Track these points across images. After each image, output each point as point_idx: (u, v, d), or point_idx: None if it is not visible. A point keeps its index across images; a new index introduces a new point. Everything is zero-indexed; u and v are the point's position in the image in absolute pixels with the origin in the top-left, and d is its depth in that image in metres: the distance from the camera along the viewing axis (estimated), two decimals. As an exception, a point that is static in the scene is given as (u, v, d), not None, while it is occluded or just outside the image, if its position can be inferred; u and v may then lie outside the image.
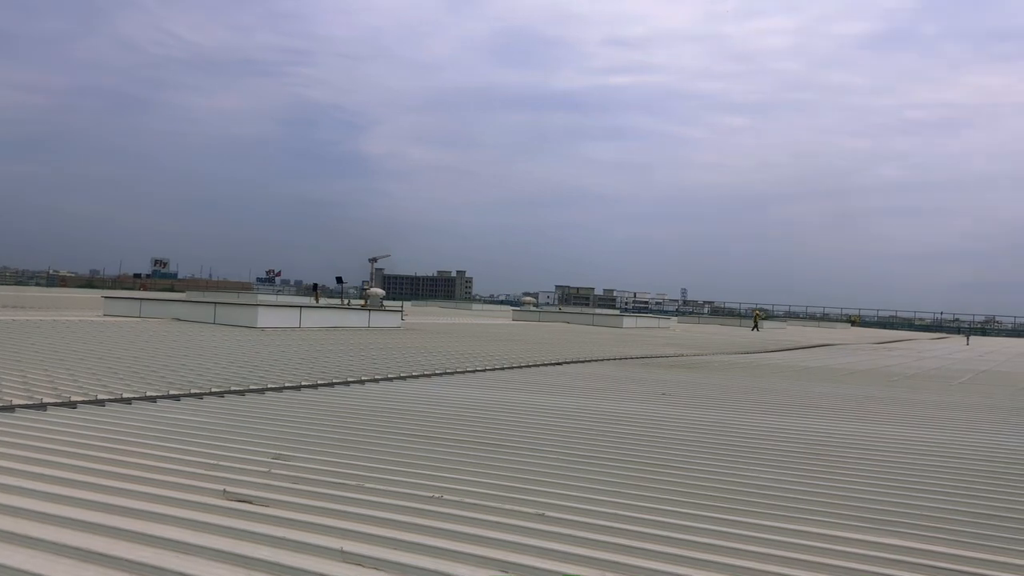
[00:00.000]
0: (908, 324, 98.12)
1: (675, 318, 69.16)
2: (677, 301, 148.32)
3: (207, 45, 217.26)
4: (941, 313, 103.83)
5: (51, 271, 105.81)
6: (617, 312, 70.60)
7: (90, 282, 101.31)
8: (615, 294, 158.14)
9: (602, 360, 19.07)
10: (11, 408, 8.17)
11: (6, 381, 9.87)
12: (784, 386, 15.22)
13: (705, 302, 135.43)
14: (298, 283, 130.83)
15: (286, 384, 11.14)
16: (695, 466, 6.97)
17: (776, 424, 9.92)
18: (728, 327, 58.91)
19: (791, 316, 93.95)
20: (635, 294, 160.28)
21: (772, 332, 52.20)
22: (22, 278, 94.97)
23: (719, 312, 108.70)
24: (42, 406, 8.38)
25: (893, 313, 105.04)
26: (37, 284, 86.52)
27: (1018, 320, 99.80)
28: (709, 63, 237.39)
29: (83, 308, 28.95)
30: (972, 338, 60.08)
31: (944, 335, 73.38)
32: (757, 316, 59.03)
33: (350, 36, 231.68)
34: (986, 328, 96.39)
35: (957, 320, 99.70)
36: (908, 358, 29.25)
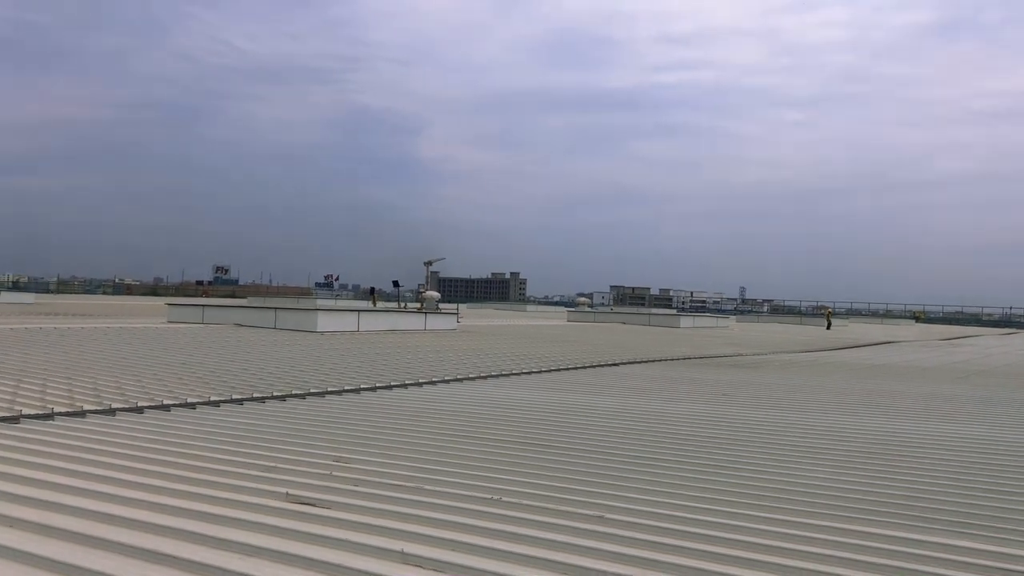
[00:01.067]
0: (975, 319, 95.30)
1: (733, 317, 68.28)
2: (735, 300, 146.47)
3: (262, 54, 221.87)
4: (1011, 308, 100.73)
5: (117, 280, 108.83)
6: (674, 312, 69.90)
7: (154, 290, 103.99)
8: (671, 294, 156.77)
9: (659, 361, 18.92)
10: (82, 414, 8.41)
11: (77, 388, 10.17)
12: (846, 385, 14.92)
13: (764, 300, 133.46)
14: (356, 287, 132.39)
15: (346, 387, 11.28)
16: (754, 466, 6.87)
17: (837, 423, 9.72)
18: (788, 325, 57.97)
19: (853, 313, 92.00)
20: (692, 293, 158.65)
21: (835, 330, 51.18)
22: (90, 287, 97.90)
23: (779, 310, 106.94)
24: (111, 411, 8.61)
25: (959, 308, 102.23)
26: (104, 292, 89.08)
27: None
28: (761, 57, 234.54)
29: (148, 315, 29.69)
30: (1044, 333, 58.11)
31: (1014, 330, 71.16)
32: (829, 314, 58.09)
33: (400, 41, 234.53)
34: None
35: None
36: (976, 354, 28.44)
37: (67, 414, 8.30)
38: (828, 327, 52.16)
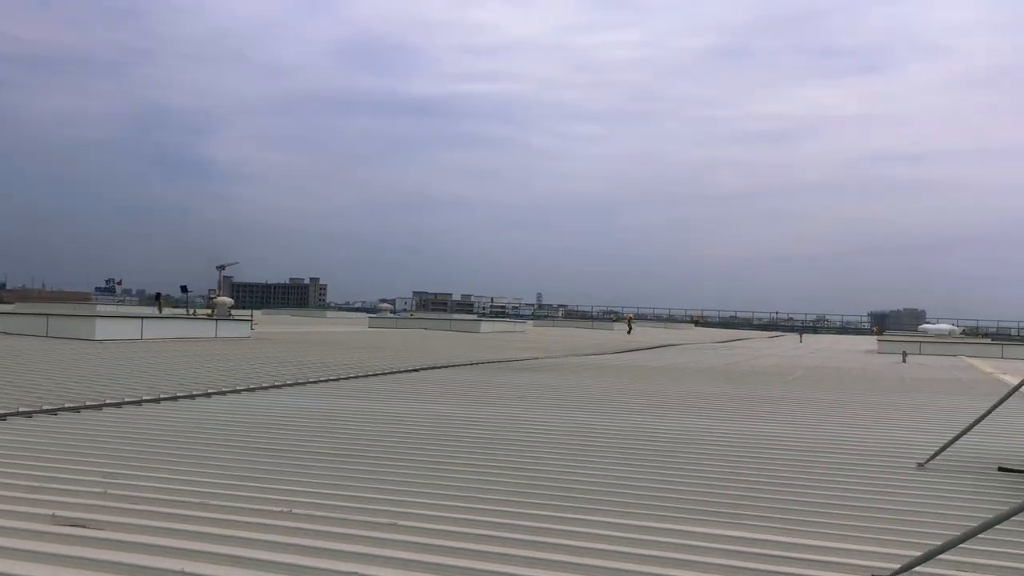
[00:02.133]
0: (747, 323, 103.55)
1: (531, 322, 70.29)
2: (533, 305, 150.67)
3: (40, 42, 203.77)
4: (777, 313, 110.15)
5: None
6: (474, 317, 70.93)
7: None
8: (472, 299, 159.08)
9: (458, 365, 19.12)
10: None
11: None
12: (632, 385, 15.72)
13: (560, 305, 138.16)
14: (141, 293, 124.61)
15: (126, 399, 10.58)
16: (545, 467, 7.10)
17: (624, 423, 10.23)
18: (582, 330, 60.37)
19: (639, 318, 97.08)
20: (492, 299, 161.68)
21: (622, 334, 53.83)
22: None
23: (573, 315, 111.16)
24: None
25: (733, 313, 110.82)
26: None
27: (845, 318, 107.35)
28: (560, 73, 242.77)
29: None
30: (804, 336, 63.95)
31: (779, 333, 77.81)
32: (630, 320, 61.19)
33: (194, 36, 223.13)
34: (817, 326, 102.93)
35: (791, 319, 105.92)
36: (747, 356, 30.83)
37: None
38: (629, 331, 54.78)
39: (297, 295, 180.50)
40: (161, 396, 11.05)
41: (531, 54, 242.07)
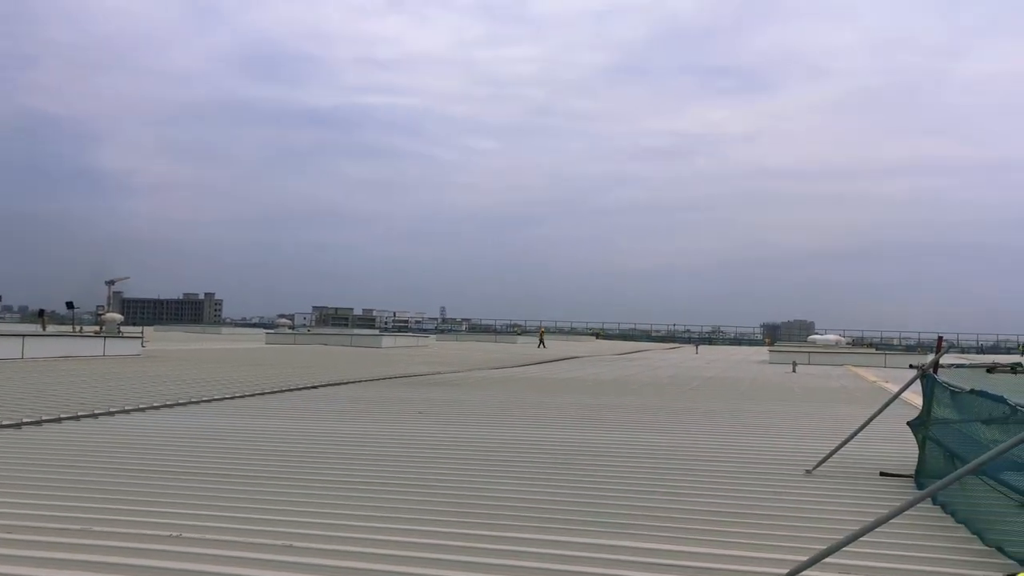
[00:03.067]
0: (646, 336, 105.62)
1: (434, 336, 69.97)
2: (436, 319, 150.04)
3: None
4: (674, 325, 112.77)
5: None
6: (376, 332, 70.23)
7: None
8: (375, 314, 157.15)
9: (359, 382, 18.87)
10: None
11: None
12: (534, 399, 15.83)
13: (463, 319, 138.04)
14: (23, 309, 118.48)
15: (3, 422, 10.03)
16: (447, 482, 7.07)
17: (526, 436, 10.28)
18: (486, 343, 60.47)
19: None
20: (395, 313, 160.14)
21: (525, 346, 54.18)
22: None
23: (477, 329, 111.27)
24: None
25: (632, 326, 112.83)
26: None
27: (739, 329, 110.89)
28: (459, 87, 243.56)
29: None
30: (700, 347, 65.69)
31: (677, 345, 79.73)
32: (542, 333, 61.45)
33: (81, 42, 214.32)
34: (712, 338, 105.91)
35: (688, 331, 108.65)
36: (645, 367, 31.45)
37: None
38: (540, 345, 54.60)
39: (191, 311, 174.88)
40: (43, 418, 10.52)
41: (431, 68, 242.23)
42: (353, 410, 12.91)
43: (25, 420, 10.29)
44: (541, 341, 57.22)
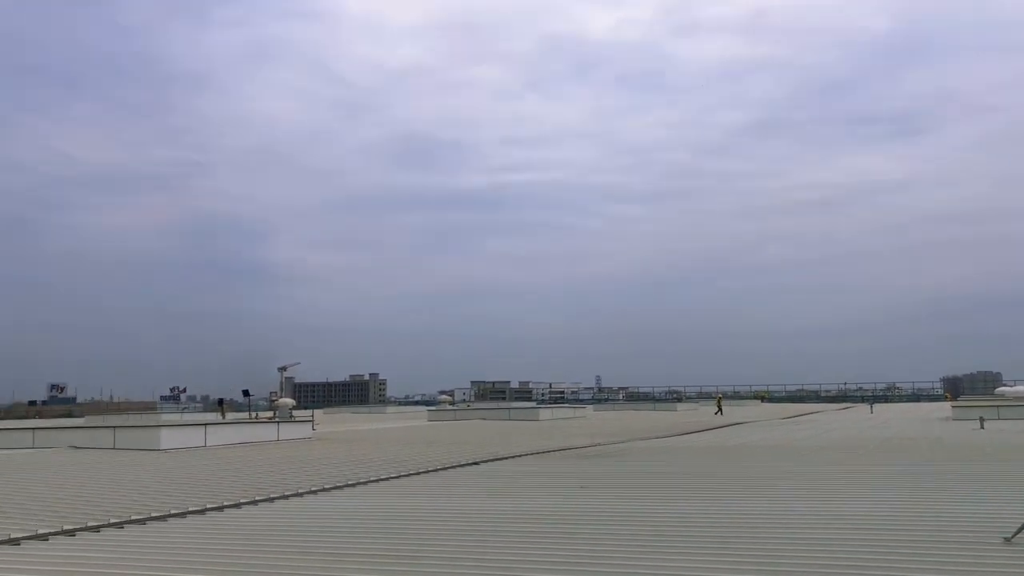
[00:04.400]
0: (815, 396, 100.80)
1: (591, 406, 69.48)
2: (592, 389, 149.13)
3: (98, 162, 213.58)
4: (845, 384, 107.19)
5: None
6: (533, 405, 70.43)
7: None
8: (531, 386, 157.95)
9: (519, 456, 18.90)
10: None
11: None
12: (700, 468, 15.33)
13: (620, 388, 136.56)
14: (205, 399, 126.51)
15: (190, 508, 10.64)
16: (619, 560, 6.90)
17: (695, 508, 9.93)
18: (644, 412, 59.42)
19: (703, 396, 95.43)
20: (551, 385, 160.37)
21: (686, 414, 52.85)
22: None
23: (633, 397, 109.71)
24: (-82, 556, 7.77)
25: (800, 387, 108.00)
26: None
27: (916, 385, 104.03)
28: (601, 157, 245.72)
29: (-30, 442, 27.25)
30: (875, 406, 62.02)
31: (849, 405, 75.62)
32: (719, 400, 59.00)
33: (245, 147, 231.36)
34: (888, 395, 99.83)
35: (860, 389, 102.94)
36: (816, 430, 29.95)
37: None
38: (718, 412, 51.64)
39: (358, 392, 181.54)
40: (224, 503, 11.09)
41: (570, 141, 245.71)
42: (516, 486, 12.91)
43: (208, 506, 10.87)
44: (719, 408, 54.98)
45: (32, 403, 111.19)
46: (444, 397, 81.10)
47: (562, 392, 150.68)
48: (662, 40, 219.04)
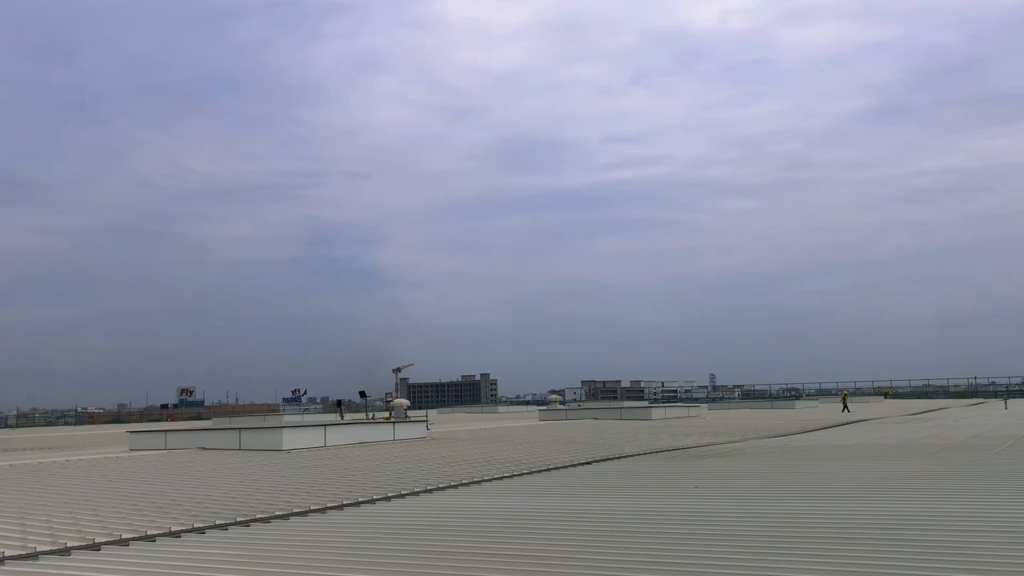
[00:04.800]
0: (942, 392, 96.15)
1: (705, 405, 68.26)
2: (706, 387, 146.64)
3: (219, 175, 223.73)
4: (975, 378, 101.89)
5: (79, 409, 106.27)
6: (645, 404, 69.73)
7: (118, 417, 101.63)
8: (642, 385, 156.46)
9: (631, 456, 18.73)
10: (35, 555, 8.06)
11: (31, 526, 9.79)
12: (819, 468, 14.84)
13: (735, 386, 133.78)
14: (324, 400, 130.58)
15: (312, 507, 10.97)
16: (728, 563, 6.73)
17: (815, 509, 9.60)
18: (761, 410, 57.98)
19: (823, 393, 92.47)
20: (663, 383, 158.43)
21: (804, 411, 51.30)
22: (51, 418, 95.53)
23: (750, 395, 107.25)
24: (66, 551, 8.26)
25: (926, 382, 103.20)
26: (66, 423, 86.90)
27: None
28: (709, 150, 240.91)
29: (110, 444, 28.94)
30: (1010, 401, 58.69)
31: (980, 400, 71.83)
32: (845, 396, 57.13)
33: (358, 156, 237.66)
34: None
35: (993, 384, 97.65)
36: (944, 428, 28.56)
37: (18, 557, 7.95)
38: (845, 409, 49.86)
39: (469, 392, 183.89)
40: (344, 502, 11.39)
41: (676, 136, 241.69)
42: (629, 486, 12.79)
43: (329, 505, 11.18)
44: (845, 405, 53.10)
45: (164, 406, 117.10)
46: (554, 397, 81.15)
47: (675, 391, 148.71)
48: (770, 28, 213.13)
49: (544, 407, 63.56)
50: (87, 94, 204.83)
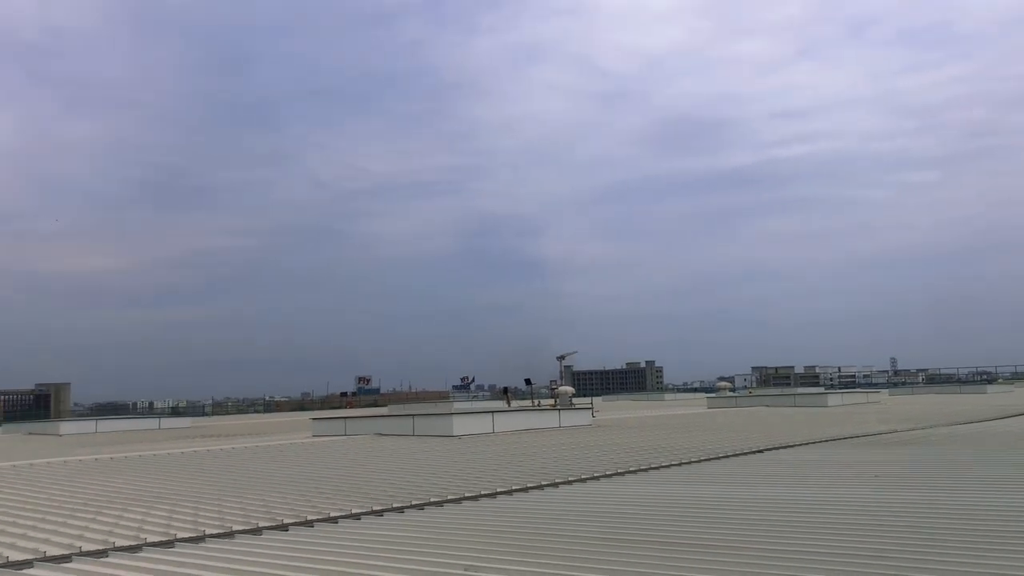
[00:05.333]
0: None
1: (885, 391, 64.80)
2: (887, 372, 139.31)
3: (388, 172, 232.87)
4: None
5: (267, 398, 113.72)
6: (820, 390, 66.91)
7: (301, 404, 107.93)
8: (817, 370, 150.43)
9: (805, 444, 18.06)
10: (231, 534, 8.71)
11: (227, 507, 10.56)
12: (1014, 457, 13.78)
13: (918, 370, 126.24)
14: (491, 387, 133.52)
15: (482, 492, 11.26)
16: (912, 555, 6.37)
17: (1012, 501, 8.94)
18: (946, 395, 54.43)
19: (1018, 377, 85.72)
20: (839, 368, 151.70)
21: (998, 397, 47.74)
22: (242, 406, 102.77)
23: (935, 380, 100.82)
24: (257, 530, 8.88)
25: None
26: (255, 411, 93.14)
27: None
28: (882, 122, 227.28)
29: (295, 431, 30.76)
30: None
31: None
32: None
33: (517, 147, 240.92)
34: None
35: None
36: None
37: (218, 535, 8.61)
38: None
39: (634, 379, 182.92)
40: (513, 487, 11.62)
41: (847, 108, 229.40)
42: (800, 475, 12.34)
43: (499, 490, 11.44)
44: None
45: (343, 394, 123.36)
46: (723, 384, 79.28)
47: (852, 376, 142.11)
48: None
49: (712, 394, 62.26)
50: (263, 102, 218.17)
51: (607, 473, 13.14)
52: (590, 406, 33.61)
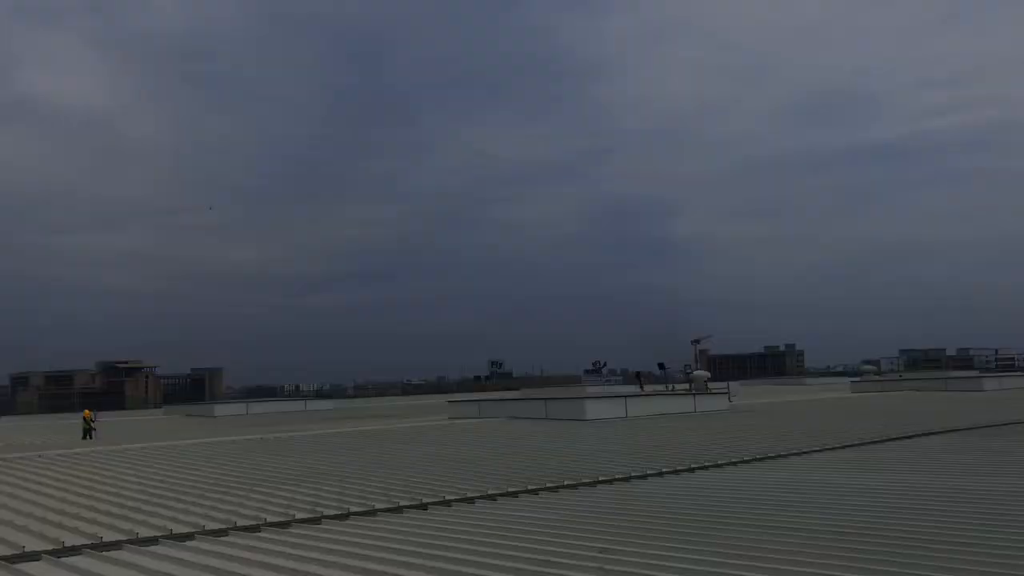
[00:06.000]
0: None
1: (1049, 375, 60.46)
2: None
3: (521, 158, 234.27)
4: None
5: (405, 381, 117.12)
6: (975, 374, 63.14)
7: (437, 387, 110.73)
8: (971, 354, 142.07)
9: (959, 430, 17.11)
10: (373, 512, 9.05)
11: (370, 487, 10.96)
12: None
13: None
14: (623, 371, 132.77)
15: (616, 476, 11.25)
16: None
17: None
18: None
19: None
20: (996, 351, 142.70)
21: None
22: (382, 388, 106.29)
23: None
24: (399, 509, 9.19)
25: None
26: (394, 394, 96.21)
27: None
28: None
29: (432, 413, 31.55)
30: None
31: None
32: None
33: (648, 127, 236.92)
34: None
35: None
36: None
37: (361, 514, 8.96)
38: None
39: (773, 363, 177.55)
40: (647, 472, 11.55)
41: (1006, 72, 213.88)
42: (954, 462, 11.73)
43: (633, 474, 11.40)
44: None
45: (477, 378, 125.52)
46: (868, 367, 75.93)
47: (1012, 359, 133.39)
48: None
49: (857, 378, 59.79)
50: (397, 93, 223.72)
51: (744, 459, 12.87)
52: (726, 391, 32.94)
